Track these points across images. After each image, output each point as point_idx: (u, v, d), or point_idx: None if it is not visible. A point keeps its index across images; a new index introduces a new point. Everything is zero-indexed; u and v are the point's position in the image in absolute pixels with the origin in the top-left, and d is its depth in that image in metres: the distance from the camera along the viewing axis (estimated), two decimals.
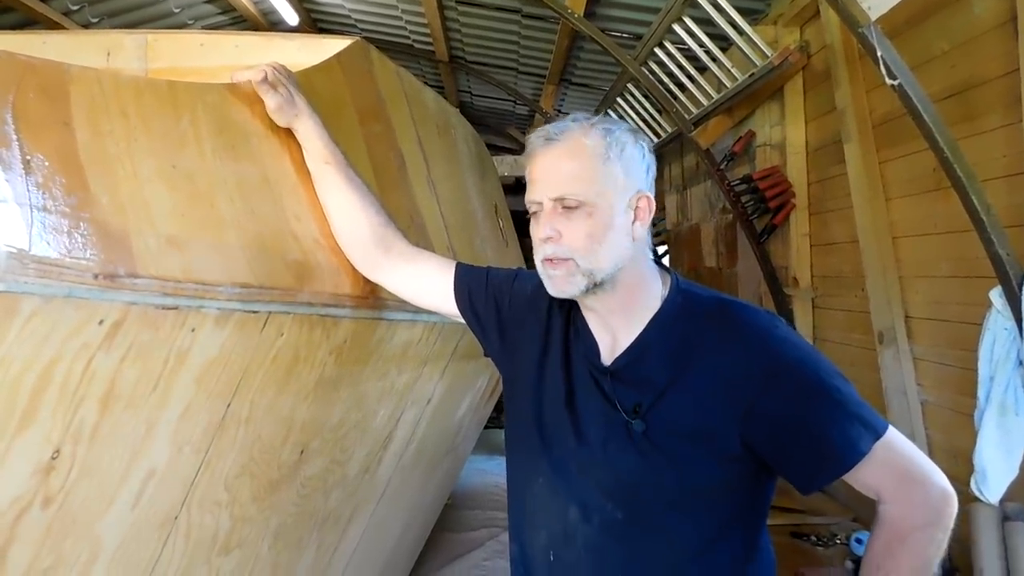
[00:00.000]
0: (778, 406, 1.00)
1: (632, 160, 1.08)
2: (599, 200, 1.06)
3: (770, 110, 4.12)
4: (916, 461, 1.02)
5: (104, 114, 0.90)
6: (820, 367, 1.02)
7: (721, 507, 1.07)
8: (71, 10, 4.42)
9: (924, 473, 1.02)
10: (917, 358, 3.01)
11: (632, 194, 1.08)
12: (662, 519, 1.07)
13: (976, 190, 1.89)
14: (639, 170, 1.09)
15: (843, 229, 3.53)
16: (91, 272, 0.84)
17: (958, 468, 2.83)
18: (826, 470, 1.01)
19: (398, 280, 1.35)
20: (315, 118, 1.31)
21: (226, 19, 5.50)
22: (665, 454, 1.04)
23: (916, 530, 1.00)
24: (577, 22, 3.87)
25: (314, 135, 1.31)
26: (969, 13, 2.42)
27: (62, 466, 0.93)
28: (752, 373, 1.00)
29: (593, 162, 1.06)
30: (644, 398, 1.05)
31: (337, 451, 1.66)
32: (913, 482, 1.01)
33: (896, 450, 1.01)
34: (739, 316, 1.06)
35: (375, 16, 5.84)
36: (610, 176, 1.06)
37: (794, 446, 1.01)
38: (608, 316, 1.12)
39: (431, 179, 2.11)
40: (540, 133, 1.10)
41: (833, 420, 0.99)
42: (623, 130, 1.10)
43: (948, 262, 2.75)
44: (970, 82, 2.45)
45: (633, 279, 1.10)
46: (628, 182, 1.07)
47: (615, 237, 1.06)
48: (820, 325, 3.92)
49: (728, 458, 1.03)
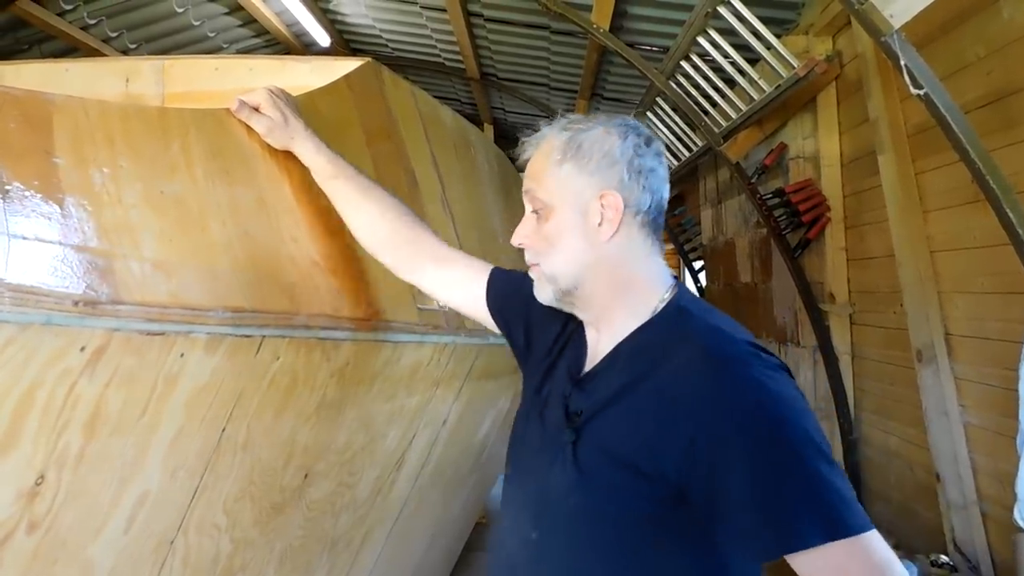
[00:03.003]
0: (727, 451, 0.83)
1: (591, 155, 1.00)
2: (552, 201, 1.02)
3: (802, 122, 4.02)
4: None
5: (89, 142, 0.91)
6: (800, 432, 0.83)
7: (649, 566, 0.90)
8: (110, 37, 4.58)
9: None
10: (958, 377, 2.88)
11: (592, 193, 1.00)
12: (573, 553, 0.95)
13: (1012, 203, 1.80)
14: (604, 166, 1.00)
15: (880, 243, 3.42)
16: (70, 299, 0.85)
17: (1004, 493, 2.69)
18: (758, 542, 0.82)
19: (430, 282, 1.32)
20: (313, 138, 1.29)
21: (260, 42, 5.63)
22: (587, 474, 0.93)
23: None
24: (603, 37, 3.84)
25: (314, 154, 1.29)
26: (1003, 17, 2.33)
27: (47, 491, 0.93)
28: (706, 404, 0.86)
29: (547, 162, 1.02)
30: (586, 408, 0.98)
31: (345, 474, 1.65)
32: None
33: (864, 563, 0.79)
34: (720, 346, 0.92)
35: (405, 36, 5.91)
36: (561, 176, 1.01)
37: (728, 501, 0.83)
38: (595, 324, 1.07)
39: (445, 199, 2.10)
40: (525, 141, 1.08)
41: (788, 489, 0.80)
42: (594, 125, 1.02)
43: (988, 277, 2.63)
44: (1007, 89, 2.35)
45: (612, 286, 1.02)
46: (586, 180, 1.00)
47: (571, 241, 1.01)
48: (858, 342, 3.80)
49: (660, 500, 0.87)
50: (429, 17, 5.30)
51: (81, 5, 4.33)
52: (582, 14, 3.95)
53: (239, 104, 1.22)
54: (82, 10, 4.37)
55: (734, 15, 3.12)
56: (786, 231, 3.99)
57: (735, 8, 3.14)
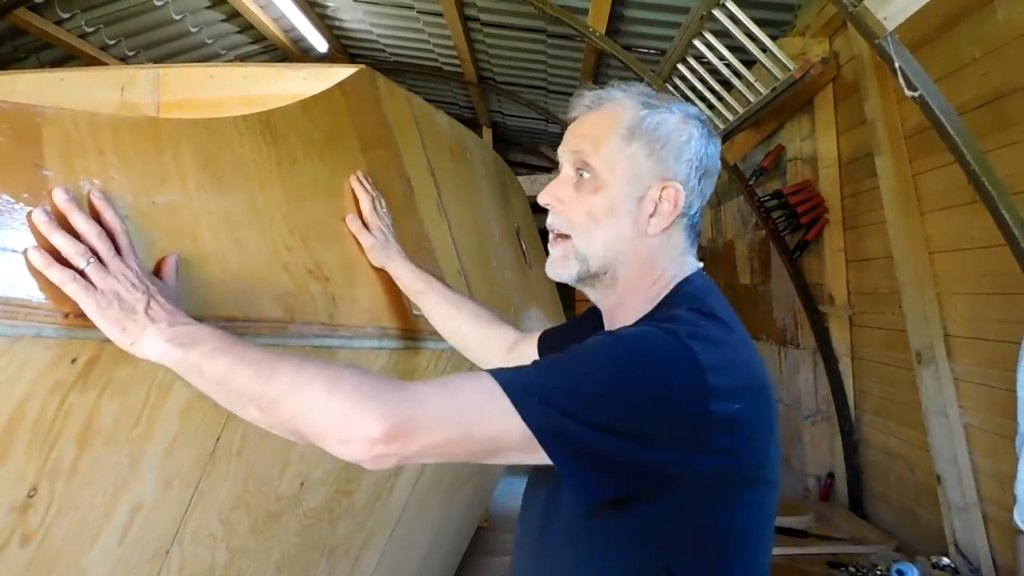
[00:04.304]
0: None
1: (667, 142, 0.95)
2: (608, 175, 0.95)
3: (800, 123, 4.02)
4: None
5: (79, 154, 0.91)
6: (609, 343, 0.85)
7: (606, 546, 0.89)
8: (108, 44, 4.59)
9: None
10: (958, 378, 2.87)
11: (653, 181, 0.95)
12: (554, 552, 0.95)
13: (1007, 204, 1.80)
14: (673, 156, 0.95)
15: (879, 244, 3.41)
16: (61, 311, 0.85)
17: (1005, 495, 2.68)
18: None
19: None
20: (404, 259, 1.44)
21: (257, 48, 5.64)
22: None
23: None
24: (598, 40, 3.85)
25: (404, 273, 1.44)
26: (998, 19, 2.33)
27: (40, 503, 0.93)
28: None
29: (612, 129, 0.95)
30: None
31: (342, 481, 1.65)
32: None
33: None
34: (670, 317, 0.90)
35: (403, 41, 5.92)
36: (628, 152, 0.95)
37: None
38: (612, 313, 1.03)
39: (442, 204, 2.10)
40: (585, 95, 1.01)
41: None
42: (672, 108, 0.97)
43: (987, 278, 2.62)
44: (1003, 90, 2.35)
45: (641, 278, 0.98)
46: (652, 167, 0.95)
47: (618, 224, 0.96)
48: (857, 343, 3.79)
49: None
50: (426, 22, 5.31)
51: (79, 13, 4.34)
52: (578, 17, 3.95)
53: (351, 218, 1.42)
54: (80, 18, 4.38)
55: (729, 18, 3.13)
56: (784, 233, 3.99)
57: (730, 11, 3.14)
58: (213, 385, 0.85)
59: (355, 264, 1.45)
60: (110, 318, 0.85)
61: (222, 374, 0.84)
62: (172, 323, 0.87)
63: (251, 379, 0.82)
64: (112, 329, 0.85)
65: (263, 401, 0.82)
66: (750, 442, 0.88)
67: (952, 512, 2.87)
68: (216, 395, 0.87)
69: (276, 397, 0.81)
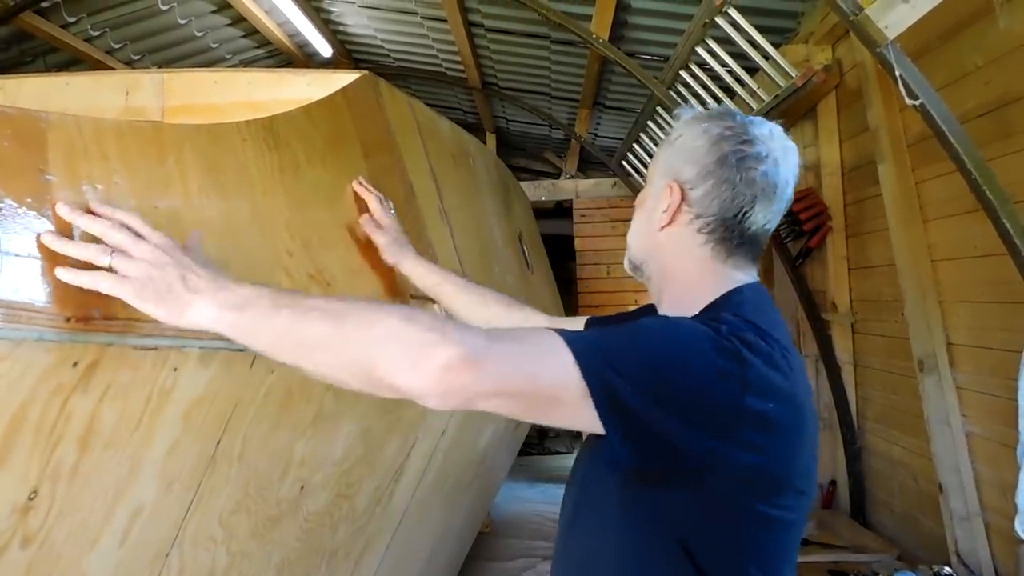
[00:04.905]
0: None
1: (681, 146, 1.05)
2: (649, 177, 1.12)
3: (803, 130, 4.02)
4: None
5: (83, 159, 0.92)
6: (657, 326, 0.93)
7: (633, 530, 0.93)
8: (113, 48, 4.60)
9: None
10: (960, 387, 2.87)
11: (665, 180, 1.05)
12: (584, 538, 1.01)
13: (1008, 213, 1.79)
14: (683, 156, 1.04)
15: (882, 251, 3.41)
16: (63, 315, 0.85)
17: (1007, 504, 2.67)
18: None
19: None
20: (418, 258, 1.48)
21: (262, 52, 5.66)
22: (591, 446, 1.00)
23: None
24: (601, 46, 3.85)
25: (419, 268, 1.47)
26: (1000, 27, 2.33)
27: (41, 505, 0.94)
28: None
29: (658, 148, 1.11)
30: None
31: (343, 485, 1.65)
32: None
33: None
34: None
35: (407, 46, 5.93)
36: (659, 157, 1.10)
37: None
38: (658, 308, 1.12)
39: (443, 209, 2.11)
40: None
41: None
42: (704, 122, 1.05)
43: (989, 286, 2.62)
44: (1005, 98, 2.35)
45: (663, 275, 1.08)
46: (668, 169, 1.06)
47: (643, 222, 1.10)
48: (860, 351, 3.78)
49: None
50: (430, 27, 5.32)
51: (84, 18, 4.36)
52: (582, 24, 3.96)
53: (365, 218, 1.46)
54: (86, 22, 4.40)
55: (732, 25, 3.13)
56: (787, 240, 3.99)
57: (732, 18, 3.15)
58: (274, 339, 0.86)
59: (356, 269, 1.46)
60: (149, 299, 0.86)
61: (285, 327, 0.85)
62: (216, 289, 0.88)
63: (319, 323, 0.83)
64: (157, 310, 0.86)
65: (334, 341, 0.82)
66: (781, 446, 0.90)
67: (954, 521, 2.86)
68: (276, 349, 0.87)
69: (348, 334, 0.82)
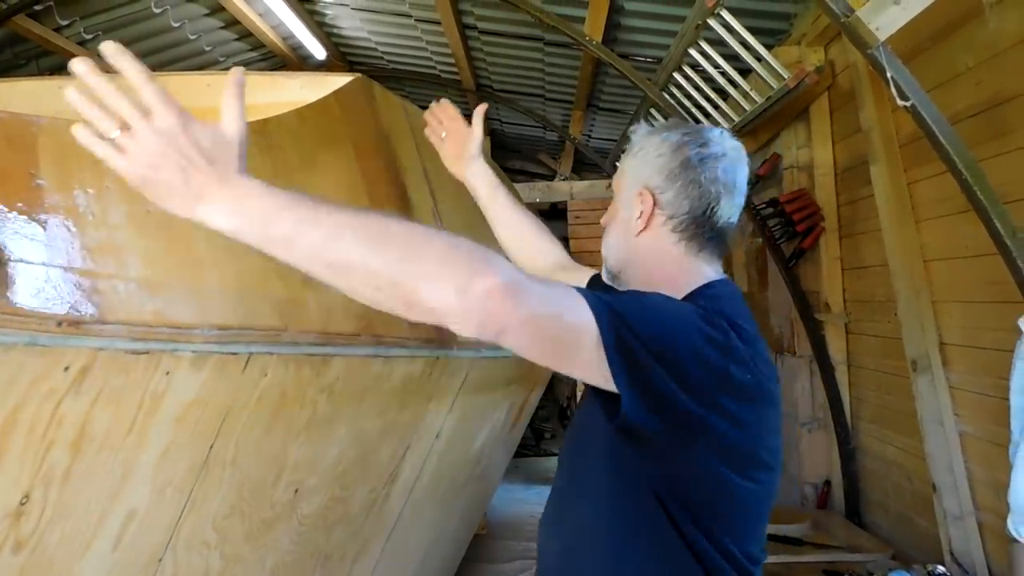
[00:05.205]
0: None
1: (645, 157, 1.12)
2: (616, 188, 1.18)
3: (796, 132, 4.03)
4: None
5: (74, 164, 0.92)
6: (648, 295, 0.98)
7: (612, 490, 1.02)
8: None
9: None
10: (953, 387, 2.87)
11: (635, 188, 1.11)
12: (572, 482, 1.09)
13: (999, 213, 1.80)
14: (649, 164, 1.11)
15: (875, 252, 3.42)
16: (54, 320, 0.85)
17: (1001, 504, 2.68)
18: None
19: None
20: (484, 164, 1.60)
21: (256, 55, 5.65)
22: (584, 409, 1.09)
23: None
24: (594, 48, 3.86)
25: (485, 177, 1.60)
26: (990, 28, 2.35)
27: (33, 510, 0.93)
28: None
29: (626, 152, 1.17)
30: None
31: (337, 488, 1.65)
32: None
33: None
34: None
35: (401, 48, 5.94)
36: (624, 168, 1.16)
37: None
38: None
39: (438, 212, 2.11)
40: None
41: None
42: (664, 131, 1.13)
43: (982, 286, 2.63)
44: (996, 99, 2.36)
45: (646, 279, 1.11)
46: (636, 179, 1.12)
47: (615, 227, 1.15)
48: (854, 351, 3.79)
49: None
50: (424, 30, 5.33)
51: (78, 21, 4.35)
52: (575, 26, 3.97)
53: (431, 122, 1.61)
54: (79, 25, 4.39)
55: (724, 27, 3.14)
56: (781, 241, 4.00)
57: (725, 20, 3.16)
58: (301, 257, 0.83)
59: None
60: (153, 191, 0.80)
61: (315, 247, 0.81)
62: (224, 194, 0.82)
63: (354, 243, 0.80)
64: (165, 203, 0.81)
65: (374, 263, 0.80)
66: (756, 421, 0.97)
67: (948, 520, 2.87)
68: (302, 264, 0.84)
69: (389, 255, 0.80)
